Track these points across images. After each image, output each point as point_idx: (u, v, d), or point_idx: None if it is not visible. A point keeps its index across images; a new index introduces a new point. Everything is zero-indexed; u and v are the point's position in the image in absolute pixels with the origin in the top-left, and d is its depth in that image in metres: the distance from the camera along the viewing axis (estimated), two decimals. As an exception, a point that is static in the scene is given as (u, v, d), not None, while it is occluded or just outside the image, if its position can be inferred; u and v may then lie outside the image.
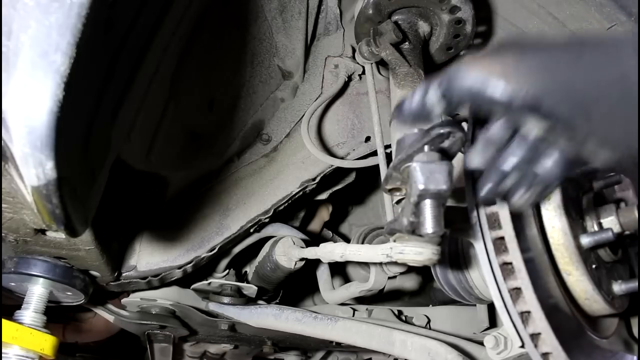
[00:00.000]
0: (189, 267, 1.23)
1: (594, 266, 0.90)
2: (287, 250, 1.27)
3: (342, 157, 1.31)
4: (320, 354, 2.03)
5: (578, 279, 0.87)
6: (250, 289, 1.41)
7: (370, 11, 1.16)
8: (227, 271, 1.46)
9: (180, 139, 1.23)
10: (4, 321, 1.02)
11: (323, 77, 1.34)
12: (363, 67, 1.31)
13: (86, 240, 0.97)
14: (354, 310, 1.47)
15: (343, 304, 1.47)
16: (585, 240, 0.88)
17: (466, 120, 0.95)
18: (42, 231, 0.93)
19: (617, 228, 0.91)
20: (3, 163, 0.62)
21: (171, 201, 1.26)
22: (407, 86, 1.10)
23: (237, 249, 1.37)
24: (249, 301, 1.46)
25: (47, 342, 1.06)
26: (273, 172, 1.30)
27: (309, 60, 1.35)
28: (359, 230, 1.66)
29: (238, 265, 1.51)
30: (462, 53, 1.30)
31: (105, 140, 0.76)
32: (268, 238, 1.38)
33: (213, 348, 1.93)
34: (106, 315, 1.46)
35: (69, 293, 1.15)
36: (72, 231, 0.72)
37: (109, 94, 0.71)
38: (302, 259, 1.27)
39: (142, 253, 1.21)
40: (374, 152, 1.29)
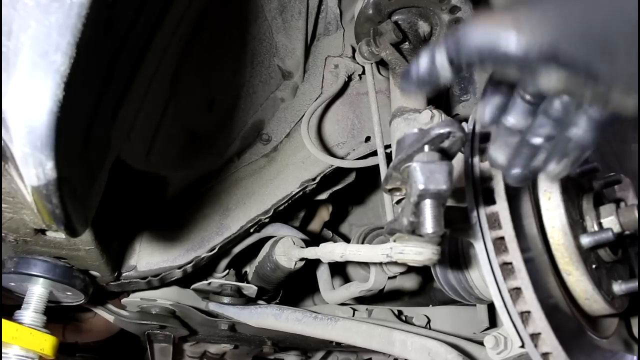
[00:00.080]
0: (189, 267, 1.23)
1: (594, 266, 0.90)
2: (287, 250, 1.27)
3: (342, 157, 1.31)
4: (320, 354, 2.03)
5: (578, 279, 0.87)
6: (250, 289, 1.41)
7: (370, 11, 1.16)
8: (227, 271, 1.45)
9: (180, 139, 1.23)
10: (4, 321, 1.02)
11: (323, 77, 1.34)
12: (363, 67, 1.31)
13: (86, 240, 0.97)
14: (354, 310, 1.47)
15: (343, 304, 1.47)
16: (585, 240, 0.88)
17: (466, 120, 0.95)
18: (42, 231, 0.93)
19: (617, 228, 0.90)
20: (3, 163, 0.62)
21: (171, 201, 1.26)
22: (407, 86, 1.10)
23: (237, 249, 1.37)
24: (249, 301, 1.46)
25: (47, 342, 1.06)
26: (273, 172, 1.30)
27: (309, 60, 1.35)
28: (359, 230, 1.66)
29: (238, 265, 1.51)
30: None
31: (105, 140, 0.76)
32: (268, 238, 1.38)
33: (213, 348, 1.93)
34: (106, 315, 1.46)
35: (69, 293, 1.15)
36: (72, 231, 0.72)
37: (109, 94, 0.71)
38: (302, 259, 1.27)
39: (142, 253, 1.21)
40: (374, 152, 1.29)
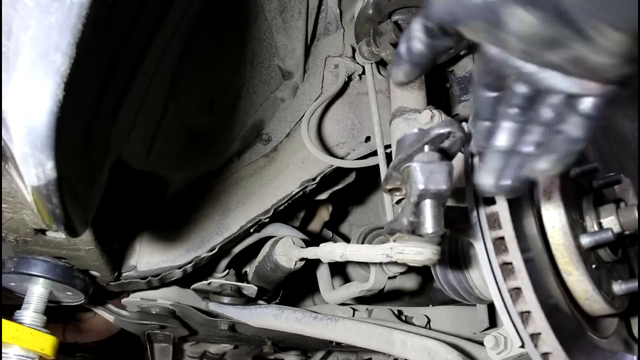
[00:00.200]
0: (189, 267, 1.23)
1: (594, 266, 0.90)
2: (287, 250, 1.27)
3: (342, 157, 1.31)
4: (320, 354, 2.03)
5: (578, 279, 0.87)
6: (250, 289, 1.41)
7: (370, 11, 1.16)
8: (227, 271, 1.45)
9: (180, 139, 1.23)
10: (4, 321, 1.02)
11: (323, 77, 1.34)
12: (363, 67, 1.31)
13: (86, 240, 0.97)
14: (354, 310, 1.47)
15: (343, 304, 1.47)
16: (585, 240, 0.88)
17: (466, 120, 0.95)
18: (42, 231, 0.93)
19: (617, 228, 0.90)
20: (3, 163, 0.62)
21: (171, 201, 1.26)
22: (407, 86, 1.10)
23: (237, 249, 1.37)
24: (249, 301, 1.46)
25: (47, 342, 1.06)
26: (273, 172, 1.30)
27: (309, 60, 1.35)
28: (359, 230, 1.66)
29: (238, 265, 1.51)
30: (463, 53, 1.30)
31: (105, 140, 0.76)
32: (268, 238, 1.38)
33: (213, 348, 1.92)
34: (106, 315, 1.46)
35: (69, 293, 1.15)
36: (72, 231, 0.72)
37: (109, 94, 0.71)
38: (302, 259, 1.27)
39: (142, 253, 1.21)
40: (374, 152, 1.29)
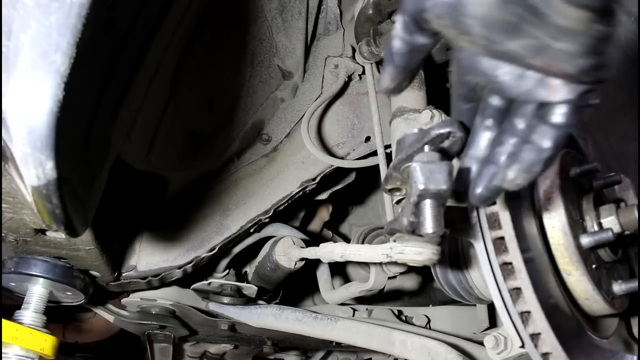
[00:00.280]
0: (189, 267, 1.23)
1: (594, 266, 0.90)
2: (287, 250, 1.27)
3: (342, 157, 1.31)
4: (320, 354, 2.03)
5: (578, 279, 0.87)
6: (250, 289, 1.41)
7: (370, 11, 1.16)
8: (227, 271, 1.45)
9: (180, 139, 1.23)
10: (4, 321, 1.02)
11: (323, 77, 1.34)
12: (363, 67, 1.31)
13: (86, 240, 0.97)
14: (354, 310, 1.47)
15: (343, 304, 1.47)
16: (585, 240, 0.88)
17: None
18: (42, 231, 0.93)
19: (617, 228, 0.90)
20: (3, 163, 0.62)
21: (171, 201, 1.26)
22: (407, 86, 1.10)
23: (237, 249, 1.37)
24: (249, 301, 1.46)
25: (47, 342, 1.06)
26: (273, 172, 1.30)
27: (309, 60, 1.35)
28: (359, 230, 1.66)
29: (238, 265, 1.51)
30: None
31: (105, 140, 0.76)
32: (268, 238, 1.38)
33: (213, 348, 1.92)
34: (106, 315, 1.46)
35: (69, 293, 1.15)
36: (72, 231, 0.72)
37: (109, 94, 0.71)
38: (302, 259, 1.27)
39: (142, 253, 1.21)
40: (374, 152, 1.29)
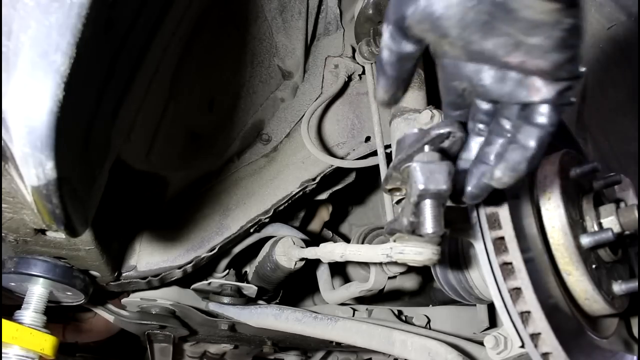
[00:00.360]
0: (189, 267, 1.23)
1: (594, 266, 0.90)
2: (287, 250, 1.27)
3: (342, 157, 1.31)
4: (320, 354, 2.03)
5: (578, 279, 0.87)
6: (250, 289, 1.41)
7: (370, 11, 1.16)
8: (227, 271, 1.45)
9: (180, 139, 1.23)
10: (4, 321, 1.02)
11: (323, 77, 1.34)
12: (363, 67, 1.31)
13: (86, 240, 0.97)
14: (354, 310, 1.47)
15: (343, 304, 1.47)
16: (585, 240, 0.88)
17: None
18: (42, 231, 0.93)
19: (617, 228, 0.90)
20: (3, 163, 0.62)
21: (171, 201, 1.26)
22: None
23: (237, 249, 1.37)
24: (249, 301, 1.46)
25: (47, 342, 1.06)
26: (273, 172, 1.30)
27: (309, 60, 1.35)
28: (359, 230, 1.66)
29: (238, 265, 1.51)
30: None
31: (105, 140, 0.76)
32: (268, 238, 1.38)
33: (213, 348, 1.92)
34: (106, 315, 1.46)
35: (69, 293, 1.15)
36: (72, 231, 0.72)
37: (109, 94, 0.71)
38: (302, 259, 1.27)
39: (142, 253, 1.21)
40: (374, 152, 1.29)
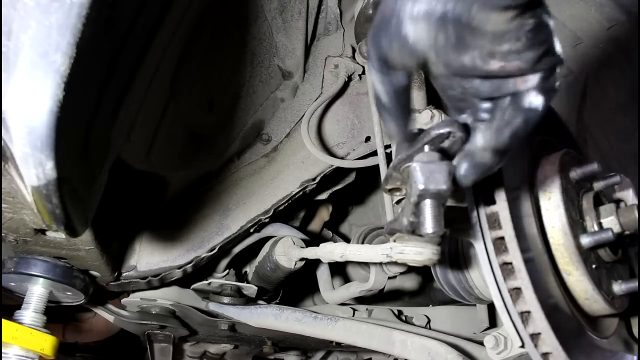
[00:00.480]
0: (189, 267, 1.23)
1: (594, 266, 0.90)
2: (287, 250, 1.27)
3: (342, 157, 1.31)
4: (320, 354, 2.03)
5: (578, 279, 0.87)
6: (250, 289, 1.41)
7: (370, 11, 1.16)
8: (227, 271, 1.45)
9: (180, 139, 1.23)
10: (4, 321, 1.02)
11: (323, 77, 1.34)
12: (363, 67, 1.31)
13: (86, 240, 0.97)
14: (354, 310, 1.47)
15: (343, 304, 1.47)
16: (585, 240, 0.88)
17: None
18: (42, 231, 0.93)
19: (617, 228, 0.90)
20: (3, 163, 0.62)
21: (171, 201, 1.26)
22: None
23: (237, 249, 1.37)
24: (249, 301, 1.46)
25: (47, 342, 1.06)
26: (273, 172, 1.30)
27: (309, 60, 1.35)
28: (359, 230, 1.66)
29: (238, 265, 1.51)
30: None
31: (105, 140, 0.76)
32: (268, 238, 1.38)
33: (213, 348, 1.93)
34: (106, 315, 1.46)
35: (69, 293, 1.15)
36: (72, 231, 0.72)
37: (109, 94, 0.71)
38: (302, 259, 1.27)
39: (142, 253, 1.21)
40: (374, 152, 1.29)
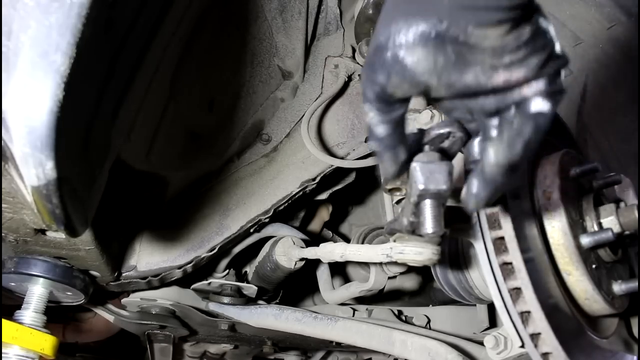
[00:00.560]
0: (189, 267, 1.23)
1: (594, 266, 0.90)
2: (287, 250, 1.27)
3: (342, 157, 1.31)
4: (320, 354, 2.03)
5: (578, 279, 0.87)
6: (250, 289, 1.41)
7: (370, 11, 1.16)
8: (227, 271, 1.45)
9: (180, 139, 1.23)
10: (4, 321, 1.02)
11: (323, 77, 1.34)
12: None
13: (86, 240, 0.97)
14: (354, 310, 1.47)
15: (343, 304, 1.47)
16: (585, 240, 0.88)
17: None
18: (42, 231, 0.93)
19: (617, 228, 0.90)
20: (3, 163, 0.62)
21: (171, 201, 1.26)
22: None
23: (237, 249, 1.37)
24: (249, 301, 1.46)
25: (47, 342, 1.06)
26: (273, 172, 1.30)
27: (309, 60, 1.35)
28: (359, 230, 1.66)
29: (238, 265, 1.51)
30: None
31: (105, 140, 0.76)
32: (268, 238, 1.38)
33: (213, 348, 1.92)
34: (106, 315, 1.46)
35: (69, 293, 1.15)
36: (72, 231, 0.72)
37: (109, 94, 0.71)
38: (302, 259, 1.27)
39: (142, 253, 1.21)
40: (374, 152, 1.29)
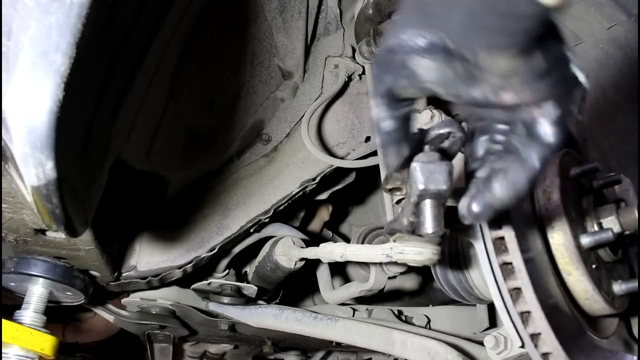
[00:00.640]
0: (189, 267, 1.23)
1: (594, 266, 0.90)
2: (287, 250, 1.27)
3: (342, 157, 1.31)
4: (320, 354, 2.03)
5: (578, 279, 0.87)
6: (250, 289, 1.41)
7: (370, 11, 1.16)
8: (227, 271, 1.45)
9: (180, 139, 1.23)
10: (4, 321, 1.02)
11: (323, 77, 1.34)
12: (363, 67, 1.31)
13: (86, 240, 0.97)
14: (354, 310, 1.47)
15: (343, 304, 1.47)
16: (585, 240, 0.88)
17: (467, 120, 0.95)
18: (42, 231, 0.93)
19: (617, 228, 0.90)
20: (3, 163, 0.62)
21: (171, 201, 1.26)
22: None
23: (237, 249, 1.37)
24: (249, 301, 1.46)
25: (47, 342, 1.06)
26: (273, 172, 1.30)
27: (309, 60, 1.35)
28: (359, 230, 1.66)
29: (238, 265, 1.51)
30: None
31: (105, 140, 0.76)
32: (268, 238, 1.38)
33: (213, 348, 1.92)
34: (106, 315, 1.46)
35: (69, 293, 1.15)
36: (72, 231, 0.72)
37: (109, 94, 0.71)
38: (302, 259, 1.27)
39: (142, 253, 1.21)
40: (374, 152, 1.29)
